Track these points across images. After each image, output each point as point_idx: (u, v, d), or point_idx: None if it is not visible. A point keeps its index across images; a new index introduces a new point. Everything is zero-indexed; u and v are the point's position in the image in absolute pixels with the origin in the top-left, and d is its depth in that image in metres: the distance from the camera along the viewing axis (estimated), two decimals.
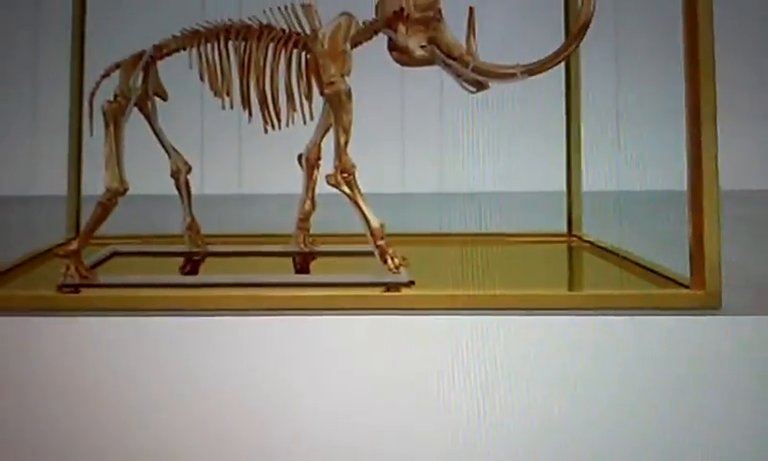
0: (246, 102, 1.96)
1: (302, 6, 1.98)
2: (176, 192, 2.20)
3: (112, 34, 2.81)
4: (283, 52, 1.96)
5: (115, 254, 2.21)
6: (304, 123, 1.97)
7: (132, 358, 1.60)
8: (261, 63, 1.96)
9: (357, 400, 1.59)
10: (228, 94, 1.98)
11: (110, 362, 1.60)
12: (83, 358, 1.60)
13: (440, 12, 1.90)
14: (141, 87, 2.01)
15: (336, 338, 1.61)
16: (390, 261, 1.87)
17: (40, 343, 1.61)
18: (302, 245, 2.22)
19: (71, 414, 1.59)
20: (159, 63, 2.04)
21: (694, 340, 1.60)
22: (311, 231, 2.24)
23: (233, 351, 1.60)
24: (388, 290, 1.80)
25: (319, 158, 2.16)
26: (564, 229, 2.54)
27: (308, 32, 1.97)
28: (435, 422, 1.58)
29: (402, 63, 1.96)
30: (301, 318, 1.63)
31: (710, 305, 1.68)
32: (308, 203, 2.20)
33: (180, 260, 2.18)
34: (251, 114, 1.97)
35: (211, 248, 2.23)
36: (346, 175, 1.88)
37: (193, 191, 2.20)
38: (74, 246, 1.87)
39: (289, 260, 2.19)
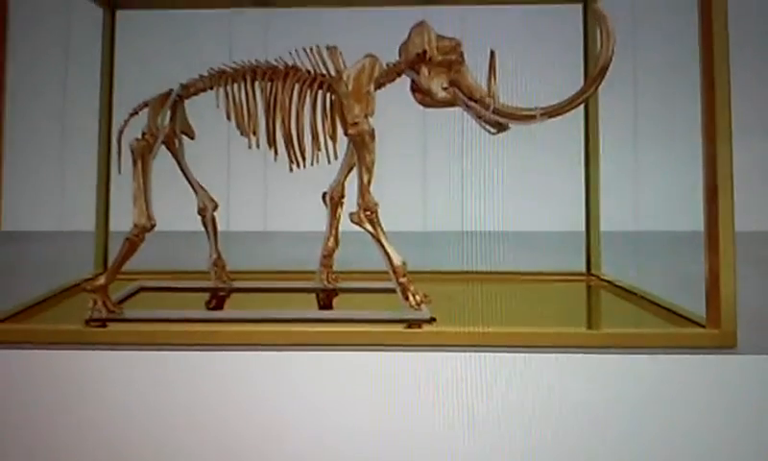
0: (272, 141, 1.97)
1: (327, 48, 1.99)
2: (202, 229, 2.20)
3: (141, 72, 2.82)
4: (308, 93, 1.97)
5: (142, 289, 2.22)
6: (329, 162, 1.98)
7: (158, 392, 1.60)
8: (287, 104, 1.96)
9: (378, 433, 1.58)
10: (254, 133, 1.98)
11: (136, 395, 1.60)
12: (109, 391, 1.60)
13: (461, 54, 1.91)
14: (169, 126, 2.02)
15: (358, 373, 1.61)
16: (411, 298, 1.87)
17: (68, 375, 1.61)
18: (326, 281, 2.22)
19: (97, 445, 1.58)
20: (187, 102, 2.05)
21: (710, 378, 1.59)
22: (334, 268, 2.24)
23: (258, 384, 1.60)
24: (409, 327, 1.79)
25: (342, 197, 2.16)
26: (583, 268, 2.54)
27: (333, 73, 1.97)
28: (455, 456, 1.57)
29: (425, 105, 1.96)
30: (324, 353, 1.63)
31: (726, 344, 1.68)
32: (332, 240, 2.21)
33: (206, 296, 2.18)
34: (276, 153, 1.97)
35: (237, 284, 2.23)
36: (369, 213, 1.89)
37: (219, 228, 2.21)
38: (102, 281, 1.87)
39: (313, 296, 2.19)
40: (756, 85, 4.36)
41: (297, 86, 1.98)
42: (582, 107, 2.05)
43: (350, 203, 1.99)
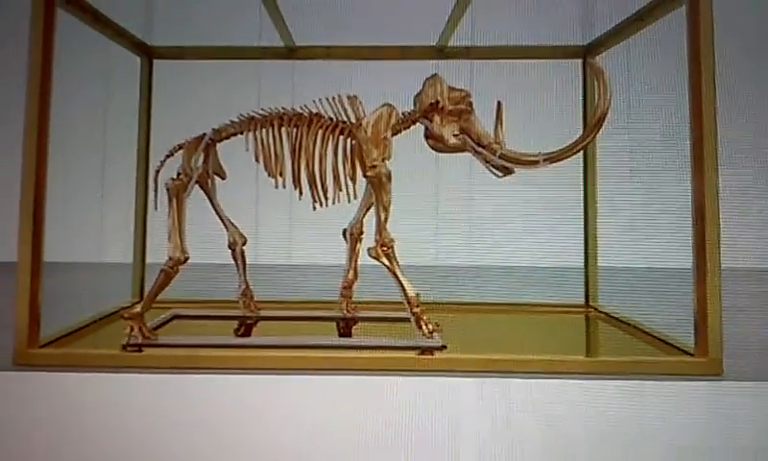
0: (297, 182, 1.98)
1: (348, 97, 2.01)
2: (232, 262, 2.22)
3: (176, 117, 2.84)
4: (331, 138, 1.98)
5: (176, 316, 2.23)
6: (349, 202, 1.99)
7: (191, 413, 1.61)
8: (311, 148, 1.98)
9: (394, 454, 1.59)
10: (280, 175, 1.99)
11: (171, 416, 1.60)
12: (145, 413, 1.61)
13: (471, 104, 1.92)
14: (202, 167, 2.03)
15: (375, 396, 1.62)
16: (424, 327, 1.88)
17: (106, 397, 1.62)
18: (345, 311, 2.23)
19: None
20: (218, 145, 2.07)
21: (698, 402, 1.60)
22: (353, 299, 2.25)
23: (282, 406, 1.61)
24: (422, 353, 1.80)
25: (361, 233, 2.17)
26: (582, 300, 2.55)
27: (353, 120, 1.99)
28: None
29: (437, 150, 1.97)
30: (344, 377, 1.64)
31: (713, 372, 1.69)
32: (351, 273, 2.21)
33: (235, 323, 2.19)
34: (301, 193, 1.98)
35: (263, 312, 2.24)
36: (385, 248, 1.90)
37: (248, 261, 2.22)
38: (138, 309, 1.89)
39: (333, 324, 2.19)
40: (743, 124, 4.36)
41: (320, 132, 1.99)
42: (581, 152, 2.05)
43: (368, 238, 2.00)
